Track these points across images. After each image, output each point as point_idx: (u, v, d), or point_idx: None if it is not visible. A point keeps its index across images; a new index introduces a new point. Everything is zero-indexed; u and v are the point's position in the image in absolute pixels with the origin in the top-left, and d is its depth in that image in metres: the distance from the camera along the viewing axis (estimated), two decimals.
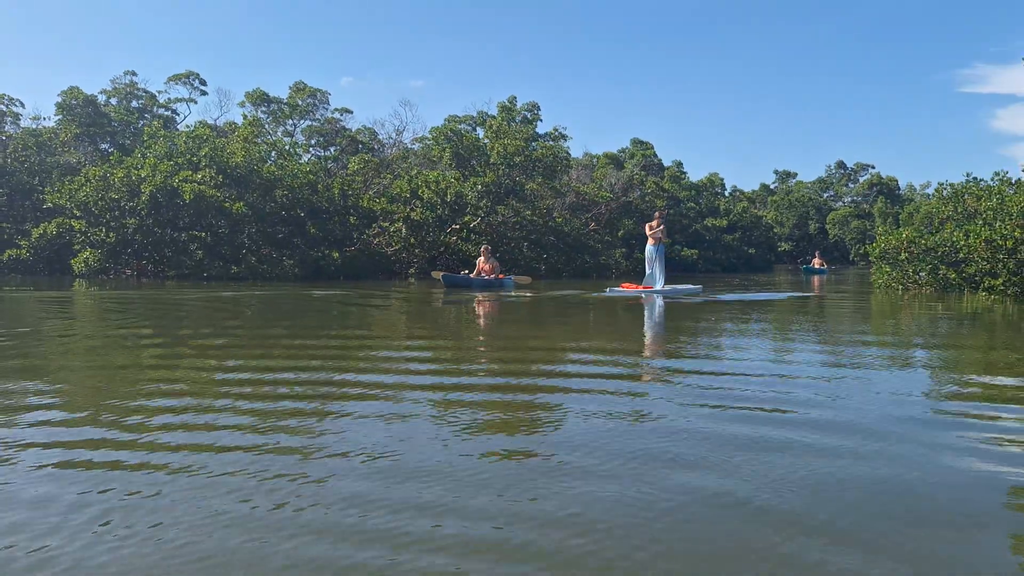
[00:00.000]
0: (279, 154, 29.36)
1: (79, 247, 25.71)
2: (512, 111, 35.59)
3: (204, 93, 42.84)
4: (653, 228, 17.17)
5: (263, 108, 38.16)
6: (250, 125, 29.95)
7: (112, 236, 24.87)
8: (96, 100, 36.81)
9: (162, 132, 28.94)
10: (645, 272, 17.41)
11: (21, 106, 36.64)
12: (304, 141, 38.09)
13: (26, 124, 35.94)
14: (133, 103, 40.41)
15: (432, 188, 27.53)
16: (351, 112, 42.17)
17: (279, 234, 26.38)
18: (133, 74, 40.98)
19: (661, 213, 18.12)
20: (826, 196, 75.37)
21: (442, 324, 11.09)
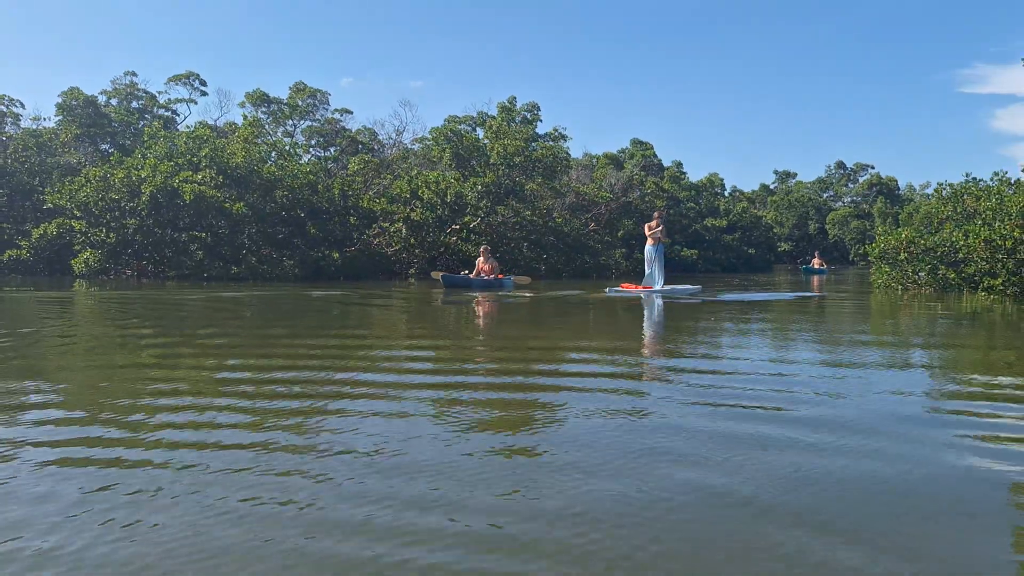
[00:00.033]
0: (279, 154, 29.38)
1: (79, 247, 25.71)
2: (512, 111, 35.60)
3: (204, 94, 42.90)
4: (652, 228, 17.18)
5: (263, 108, 38.16)
6: (250, 125, 29.97)
7: (112, 236, 24.88)
8: (96, 101, 36.85)
9: (162, 132, 28.93)
10: (645, 272, 17.43)
11: (21, 106, 36.73)
12: (304, 141, 38.08)
13: (26, 125, 36.02)
14: (133, 104, 40.44)
15: (432, 188, 27.54)
16: (351, 112, 42.32)
17: (279, 234, 26.38)
18: (133, 74, 41.07)
19: (660, 213, 18.13)
20: (826, 196, 75.41)
21: (442, 324, 11.09)
